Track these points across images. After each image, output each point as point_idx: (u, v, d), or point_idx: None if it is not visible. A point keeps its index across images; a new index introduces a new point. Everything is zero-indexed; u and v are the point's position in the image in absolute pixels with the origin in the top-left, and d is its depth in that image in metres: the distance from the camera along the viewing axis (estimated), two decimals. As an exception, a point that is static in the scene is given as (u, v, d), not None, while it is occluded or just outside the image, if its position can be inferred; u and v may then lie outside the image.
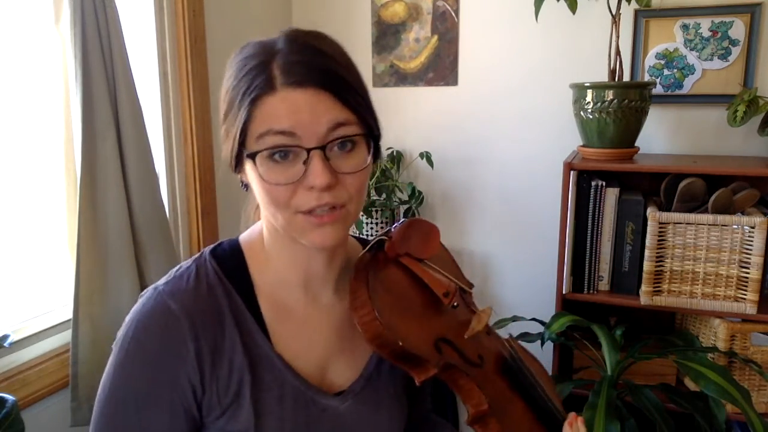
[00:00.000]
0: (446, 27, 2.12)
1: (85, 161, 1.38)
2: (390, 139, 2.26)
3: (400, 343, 0.69)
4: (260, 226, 0.78)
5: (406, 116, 2.23)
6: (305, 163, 0.65)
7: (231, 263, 0.75)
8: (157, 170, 1.54)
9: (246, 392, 0.71)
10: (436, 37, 2.14)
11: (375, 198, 2.09)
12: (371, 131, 0.69)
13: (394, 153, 2.18)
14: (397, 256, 0.78)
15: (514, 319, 1.81)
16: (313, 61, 0.65)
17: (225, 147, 0.71)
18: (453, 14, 2.11)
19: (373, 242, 0.80)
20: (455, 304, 0.78)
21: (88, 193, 1.39)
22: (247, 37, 0.79)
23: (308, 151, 0.64)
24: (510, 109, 2.10)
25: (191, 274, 0.73)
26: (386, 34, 2.20)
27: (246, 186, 0.73)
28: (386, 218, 2.07)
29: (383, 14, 2.19)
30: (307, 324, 0.77)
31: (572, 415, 0.82)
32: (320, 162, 0.64)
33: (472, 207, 2.22)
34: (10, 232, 1.41)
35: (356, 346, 0.80)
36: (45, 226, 1.47)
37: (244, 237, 0.80)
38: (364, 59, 2.24)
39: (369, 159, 0.69)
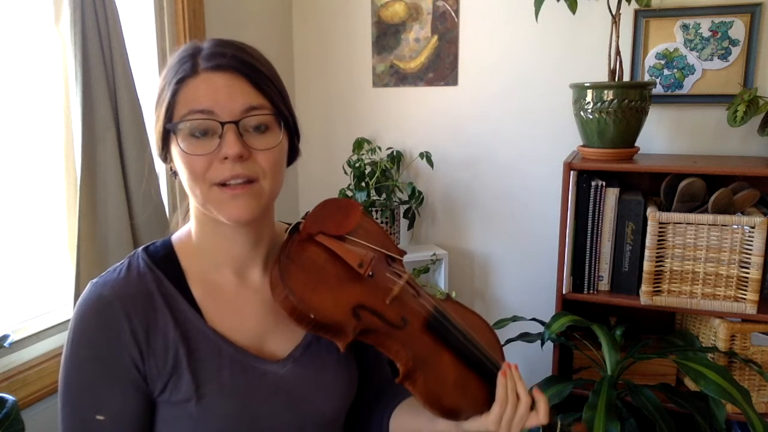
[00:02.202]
0: (446, 27, 2.12)
1: (85, 161, 1.38)
2: (390, 139, 2.26)
3: (312, 315, 0.76)
4: (190, 224, 0.86)
5: (406, 116, 2.23)
6: (221, 136, 0.73)
7: (161, 255, 0.84)
8: (157, 170, 1.54)
9: (183, 363, 0.77)
10: (436, 37, 2.14)
11: (375, 198, 2.09)
12: (285, 119, 0.78)
13: (394, 153, 2.18)
14: (310, 235, 0.85)
15: (514, 319, 1.81)
16: (234, 54, 0.76)
17: (155, 131, 0.79)
18: (453, 14, 2.11)
19: (291, 226, 0.87)
20: (371, 273, 0.84)
21: (88, 193, 1.40)
22: (247, 37, 0.81)
23: (223, 125, 0.73)
24: (510, 109, 2.10)
25: (123, 268, 0.81)
26: (386, 34, 2.20)
27: (175, 173, 0.81)
28: (386, 218, 2.06)
29: (383, 14, 2.19)
30: (238, 302, 0.84)
31: (506, 363, 0.86)
32: (233, 134, 0.73)
33: (472, 207, 2.22)
34: (10, 233, 1.41)
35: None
36: (45, 226, 1.47)
37: (175, 234, 0.88)
38: (364, 59, 2.24)
39: (282, 140, 0.77)
